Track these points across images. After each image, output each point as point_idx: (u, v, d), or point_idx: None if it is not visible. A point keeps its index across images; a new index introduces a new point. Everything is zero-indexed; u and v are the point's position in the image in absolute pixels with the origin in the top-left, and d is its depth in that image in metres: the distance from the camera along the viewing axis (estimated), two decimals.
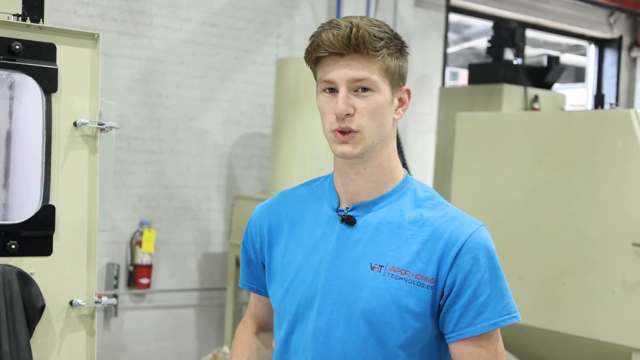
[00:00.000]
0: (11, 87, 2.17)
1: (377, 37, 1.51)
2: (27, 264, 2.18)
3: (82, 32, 2.29)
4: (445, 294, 1.53)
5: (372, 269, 1.55)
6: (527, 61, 6.69)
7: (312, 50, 1.54)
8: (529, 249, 3.85)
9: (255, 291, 1.79)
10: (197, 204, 5.27)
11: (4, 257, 2.15)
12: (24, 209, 2.18)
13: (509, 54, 5.57)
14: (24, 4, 2.24)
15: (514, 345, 4.03)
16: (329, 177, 1.71)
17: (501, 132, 4.14)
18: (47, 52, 2.21)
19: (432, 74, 6.53)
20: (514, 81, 5.39)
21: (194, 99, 5.22)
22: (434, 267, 1.52)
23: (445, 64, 6.69)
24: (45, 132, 2.20)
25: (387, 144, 1.59)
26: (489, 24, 6.82)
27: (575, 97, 8.30)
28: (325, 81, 1.54)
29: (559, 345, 3.80)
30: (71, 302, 2.24)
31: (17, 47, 2.16)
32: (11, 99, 2.17)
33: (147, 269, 4.96)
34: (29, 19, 2.22)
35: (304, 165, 4.76)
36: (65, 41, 2.24)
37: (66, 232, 2.23)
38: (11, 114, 2.17)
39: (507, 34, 5.59)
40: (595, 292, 3.58)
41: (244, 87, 5.43)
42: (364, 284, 1.55)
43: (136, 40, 4.96)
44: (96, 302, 2.26)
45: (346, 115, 1.51)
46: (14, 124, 2.17)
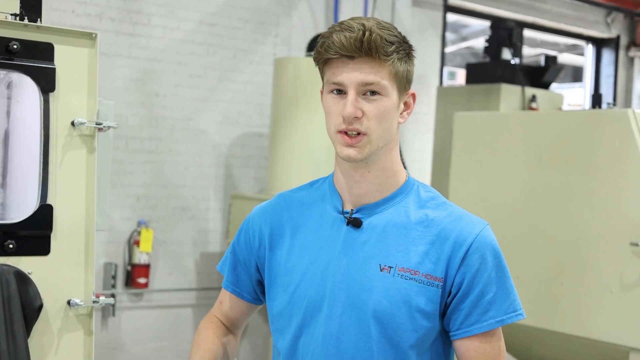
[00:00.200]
0: (9, 86, 2.17)
1: (389, 41, 1.52)
2: (25, 264, 2.18)
3: (79, 31, 2.29)
4: (453, 292, 1.56)
5: (381, 270, 1.56)
6: (525, 61, 6.70)
7: (323, 51, 1.53)
8: (527, 248, 3.85)
9: (238, 295, 1.77)
10: (195, 204, 5.27)
11: (2, 257, 2.15)
12: (22, 208, 2.18)
13: (506, 54, 5.57)
14: (21, 3, 2.24)
15: (512, 344, 4.04)
16: (328, 178, 1.71)
17: (499, 132, 4.14)
18: (45, 51, 2.21)
19: (429, 73, 6.53)
20: (512, 81, 5.39)
21: (192, 98, 5.22)
22: (442, 267, 1.55)
23: (442, 64, 6.70)
24: (43, 131, 2.20)
25: (391, 147, 1.60)
26: (486, 24, 6.83)
27: (572, 96, 8.31)
28: (334, 83, 1.54)
29: (556, 344, 3.80)
30: (69, 302, 2.24)
31: (15, 46, 2.16)
32: (9, 98, 2.17)
33: (144, 269, 4.96)
34: (26, 18, 2.22)
35: (301, 165, 4.76)
36: (63, 41, 2.24)
37: (64, 232, 2.23)
38: (9, 114, 2.17)
39: (505, 33, 5.59)
40: (593, 292, 3.58)
41: (242, 86, 5.43)
42: (373, 285, 1.55)
43: (134, 39, 4.95)
44: (94, 302, 2.26)
45: (354, 118, 1.51)
46: (12, 123, 2.17)
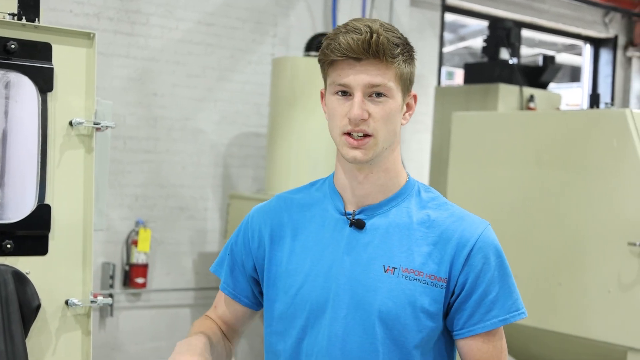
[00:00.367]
0: (7, 86, 2.16)
1: (394, 43, 1.53)
2: (23, 264, 2.18)
3: (77, 31, 2.28)
4: (456, 292, 1.57)
5: (385, 271, 1.57)
6: (523, 61, 6.70)
7: (329, 52, 1.54)
8: (525, 248, 3.85)
9: (236, 299, 1.76)
10: (193, 204, 5.27)
11: (0, 257, 2.15)
12: (20, 208, 2.18)
13: (504, 54, 5.57)
14: (19, 3, 2.24)
15: (510, 344, 4.02)
16: (328, 180, 1.71)
17: (497, 132, 4.14)
18: (43, 51, 2.21)
19: (427, 73, 6.53)
20: (510, 81, 5.39)
21: (190, 98, 5.21)
22: (446, 267, 1.56)
23: (441, 64, 6.70)
24: (40, 131, 2.20)
25: (394, 148, 1.61)
26: (484, 24, 6.83)
27: (570, 96, 8.32)
28: (340, 84, 1.54)
29: (554, 344, 3.80)
30: (67, 302, 2.24)
31: (13, 46, 2.16)
32: (7, 98, 2.17)
33: (142, 269, 4.96)
34: (24, 18, 2.22)
35: (299, 164, 4.76)
36: (61, 40, 2.24)
37: (62, 232, 2.23)
38: (7, 114, 2.17)
39: (503, 33, 5.59)
40: (590, 292, 3.59)
41: (240, 86, 5.43)
42: (378, 286, 1.56)
43: (132, 39, 4.95)
44: (92, 302, 2.26)
45: (361, 120, 1.52)
46: (10, 123, 2.17)
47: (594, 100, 4.46)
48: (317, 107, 4.76)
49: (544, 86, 5.67)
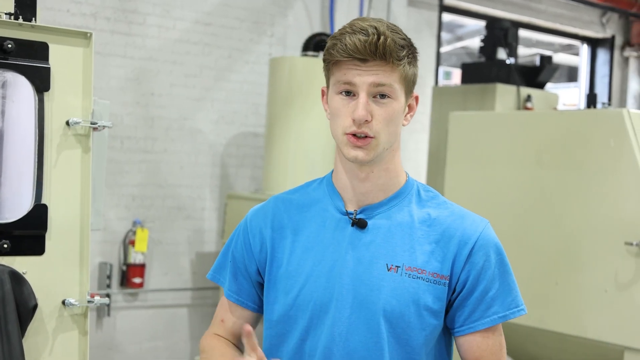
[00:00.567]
0: (3, 86, 2.16)
1: (400, 45, 1.53)
2: (20, 264, 2.17)
3: (74, 31, 2.28)
4: (457, 290, 1.59)
5: (388, 270, 1.57)
6: (520, 61, 6.70)
7: (335, 52, 1.53)
8: (522, 247, 3.86)
9: (243, 305, 1.72)
10: (191, 203, 5.27)
11: None
12: (16, 208, 2.17)
13: (501, 54, 5.58)
14: (16, 2, 2.23)
15: (506, 343, 4.03)
16: (325, 179, 1.70)
17: (494, 132, 4.14)
18: (40, 51, 2.21)
19: (425, 73, 6.53)
20: (507, 80, 5.40)
21: (188, 98, 5.21)
22: (448, 265, 1.57)
23: (438, 63, 6.70)
24: (37, 131, 2.19)
25: (395, 149, 1.62)
26: (482, 24, 6.83)
27: (567, 96, 8.32)
28: (345, 83, 1.54)
29: (551, 344, 3.81)
30: (64, 302, 2.24)
31: (10, 45, 2.16)
32: (3, 97, 2.16)
33: (140, 269, 4.95)
34: (21, 17, 2.22)
35: (297, 164, 4.76)
36: (57, 40, 2.24)
37: (59, 232, 2.23)
38: (3, 113, 2.17)
39: (500, 33, 5.60)
40: (587, 291, 3.59)
41: (238, 86, 5.43)
42: (382, 285, 1.56)
43: (129, 39, 4.95)
44: (89, 302, 2.26)
45: (364, 121, 1.52)
46: (6, 123, 2.17)
47: (591, 100, 4.46)
48: (315, 107, 4.77)
49: (541, 86, 5.68)
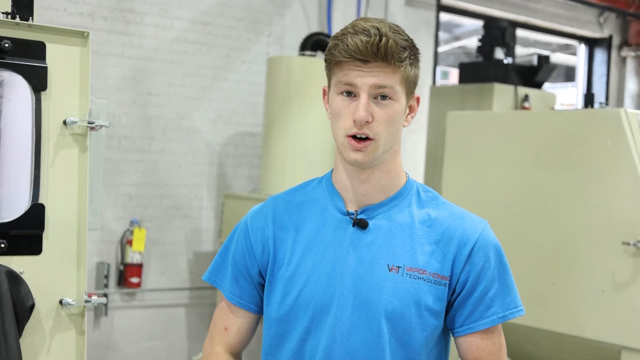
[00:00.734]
0: (0, 85, 2.16)
1: (402, 47, 1.53)
2: (17, 263, 2.17)
3: (71, 30, 2.28)
4: (457, 290, 1.59)
5: (389, 270, 1.57)
6: (518, 60, 6.71)
7: (337, 53, 1.53)
8: (519, 247, 3.86)
9: (246, 307, 1.71)
10: (188, 203, 5.27)
11: None
12: (14, 207, 2.17)
13: (499, 53, 5.58)
14: (13, 2, 2.23)
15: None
16: (324, 179, 1.70)
17: (491, 131, 4.14)
18: (37, 50, 2.20)
19: (422, 73, 6.44)
20: (505, 80, 5.40)
21: (185, 97, 5.21)
22: (448, 266, 1.58)
23: (436, 63, 6.70)
24: (34, 130, 2.19)
25: (396, 150, 1.62)
26: (479, 23, 6.84)
27: (565, 96, 8.33)
28: (346, 84, 1.53)
29: (548, 343, 3.81)
30: (61, 301, 2.23)
31: (7, 45, 2.15)
32: (0, 97, 2.16)
33: (137, 268, 4.95)
34: (18, 17, 2.21)
35: (294, 164, 4.75)
36: (55, 39, 2.23)
37: (56, 231, 2.23)
38: (0, 113, 2.16)
39: (498, 33, 5.60)
40: (584, 291, 3.59)
41: (235, 86, 5.43)
42: (383, 285, 1.56)
43: (126, 38, 4.94)
44: (86, 301, 2.26)
45: (365, 122, 1.52)
46: (3, 122, 2.17)
47: (589, 99, 4.47)
48: (312, 106, 4.77)
49: (538, 86, 5.68)
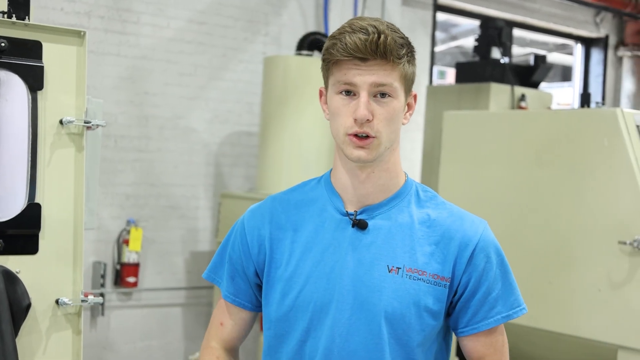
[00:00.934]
0: None
1: (400, 44, 1.53)
2: (13, 263, 2.17)
3: (68, 29, 2.28)
4: (459, 292, 1.60)
5: (389, 271, 1.57)
6: (514, 60, 6.72)
7: (335, 52, 1.53)
8: (515, 246, 3.86)
9: (241, 305, 1.72)
10: (185, 203, 5.26)
11: None
12: (10, 207, 2.17)
13: (496, 53, 5.58)
14: (9, 1, 2.22)
15: None
16: (323, 179, 1.69)
17: (488, 131, 4.15)
18: (33, 49, 2.20)
19: (419, 72, 6.48)
20: (501, 80, 5.40)
21: (182, 97, 5.21)
22: (449, 267, 1.58)
23: (432, 63, 6.71)
24: (31, 130, 2.19)
25: (394, 148, 1.62)
26: (476, 23, 6.84)
27: (561, 96, 8.34)
28: (345, 83, 1.53)
29: (545, 343, 3.82)
30: (57, 301, 2.23)
31: (3, 44, 2.15)
32: None
33: (134, 268, 4.95)
34: (14, 16, 2.21)
35: (291, 164, 4.75)
36: (51, 39, 2.23)
37: (52, 231, 2.22)
38: None
39: (495, 32, 5.60)
40: (581, 290, 3.60)
41: (232, 85, 5.43)
42: (383, 286, 1.56)
43: (123, 38, 4.94)
44: (82, 301, 2.26)
45: (366, 120, 1.52)
46: (0, 122, 2.16)
47: (585, 99, 4.47)
48: (309, 106, 4.77)
49: (535, 85, 5.68)
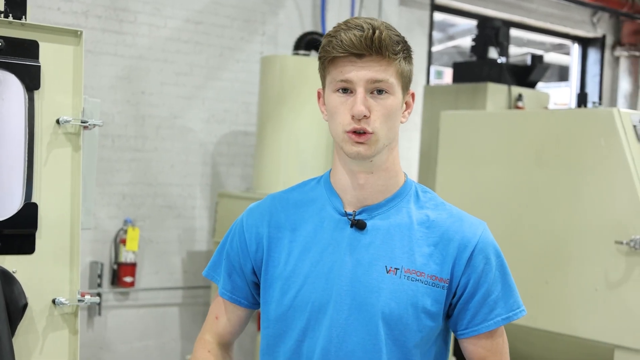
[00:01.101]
0: None
1: (395, 40, 1.53)
2: (10, 262, 2.17)
3: (65, 29, 2.27)
4: (458, 293, 1.59)
5: (387, 272, 1.57)
6: (511, 60, 6.72)
7: (331, 49, 1.53)
8: (512, 246, 3.86)
9: (236, 302, 1.73)
10: (182, 202, 5.26)
11: None
12: (6, 207, 2.16)
13: (493, 53, 5.59)
14: (6, 0, 2.22)
15: None
16: (323, 179, 1.69)
17: (485, 131, 4.15)
18: (30, 49, 2.20)
19: (416, 72, 6.51)
20: (498, 80, 5.41)
21: (178, 96, 5.20)
22: (448, 268, 1.58)
23: (429, 63, 6.71)
24: (27, 129, 2.19)
25: (393, 147, 1.61)
26: (473, 23, 6.84)
27: (558, 95, 8.35)
28: (342, 81, 1.53)
29: (541, 342, 3.82)
30: (54, 301, 2.23)
31: (0, 44, 2.15)
32: None
33: (131, 268, 4.94)
34: (11, 15, 2.21)
35: (288, 163, 4.75)
36: (48, 38, 2.23)
37: (49, 230, 2.22)
38: None
39: (492, 32, 5.61)
40: (577, 290, 3.60)
41: (229, 85, 5.42)
42: (381, 287, 1.56)
43: (120, 37, 4.93)
44: (79, 301, 2.25)
45: (363, 116, 1.51)
46: None
47: (582, 99, 4.48)
48: (306, 105, 4.77)
49: (532, 85, 5.69)
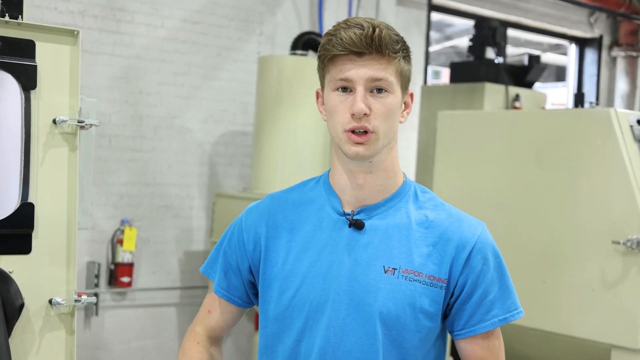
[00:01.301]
0: None
1: (395, 40, 1.54)
2: (6, 262, 2.16)
3: (61, 28, 2.27)
4: (456, 293, 1.59)
5: (385, 272, 1.57)
6: (509, 60, 6.72)
7: (331, 47, 1.53)
8: (509, 246, 3.87)
9: (230, 300, 1.73)
10: (179, 202, 5.26)
11: None
12: (3, 206, 2.16)
13: (490, 53, 5.59)
14: (3, 0, 2.22)
15: None
16: (322, 179, 1.69)
17: (482, 131, 4.15)
18: (27, 48, 2.20)
19: (414, 72, 6.44)
20: (496, 80, 5.41)
21: (176, 96, 5.20)
22: (446, 269, 1.57)
23: (427, 63, 6.71)
24: (24, 129, 2.18)
25: (392, 147, 1.62)
26: (470, 23, 6.85)
27: (556, 96, 8.35)
28: (341, 79, 1.53)
29: (538, 342, 3.82)
30: (50, 301, 2.23)
31: None
32: None
33: (128, 268, 4.94)
34: (7, 15, 2.20)
35: (286, 163, 4.75)
36: (44, 38, 2.23)
37: (45, 230, 2.22)
38: None
39: (489, 32, 5.61)
40: (575, 290, 3.61)
41: (226, 85, 5.42)
42: (379, 287, 1.56)
43: (117, 37, 4.93)
44: (76, 301, 2.25)
45: (363, 115, 1.51)
46: None
47: (579, 99, 4.48)
48: (304, 105, 4.77)
49: (529, 85, 5.69)
